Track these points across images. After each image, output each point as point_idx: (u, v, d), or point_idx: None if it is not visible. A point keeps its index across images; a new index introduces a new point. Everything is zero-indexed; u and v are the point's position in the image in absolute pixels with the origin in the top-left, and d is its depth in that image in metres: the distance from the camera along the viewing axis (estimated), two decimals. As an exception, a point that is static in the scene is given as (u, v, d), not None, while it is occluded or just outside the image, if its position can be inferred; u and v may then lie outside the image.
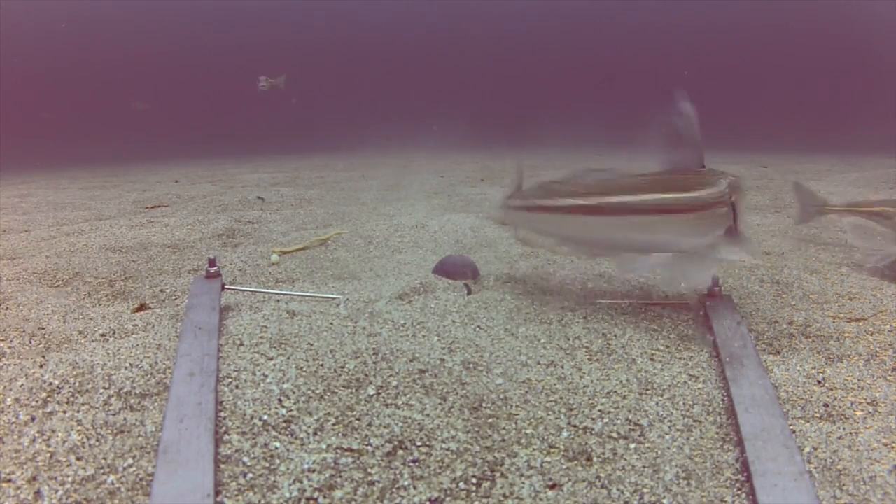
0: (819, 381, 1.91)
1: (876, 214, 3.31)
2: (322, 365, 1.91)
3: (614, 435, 1.62)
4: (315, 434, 1.58)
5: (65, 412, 1.64)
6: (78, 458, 1.46)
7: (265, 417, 1.63)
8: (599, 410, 1.72)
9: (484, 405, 1.73)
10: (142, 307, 2.58)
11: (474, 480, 1.44)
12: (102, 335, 2.23)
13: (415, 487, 1.41)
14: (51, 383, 1.75)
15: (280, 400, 1.70)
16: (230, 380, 1.80)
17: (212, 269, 2.44)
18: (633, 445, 1.58)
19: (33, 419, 1.61)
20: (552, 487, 1.42)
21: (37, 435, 1.53)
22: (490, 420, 1.67)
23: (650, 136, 2.45)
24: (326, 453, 1.50)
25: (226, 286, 2.46)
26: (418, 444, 1.55)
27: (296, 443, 1.54)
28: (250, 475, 1.43)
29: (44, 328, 2.27)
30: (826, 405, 1.78)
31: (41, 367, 1.85)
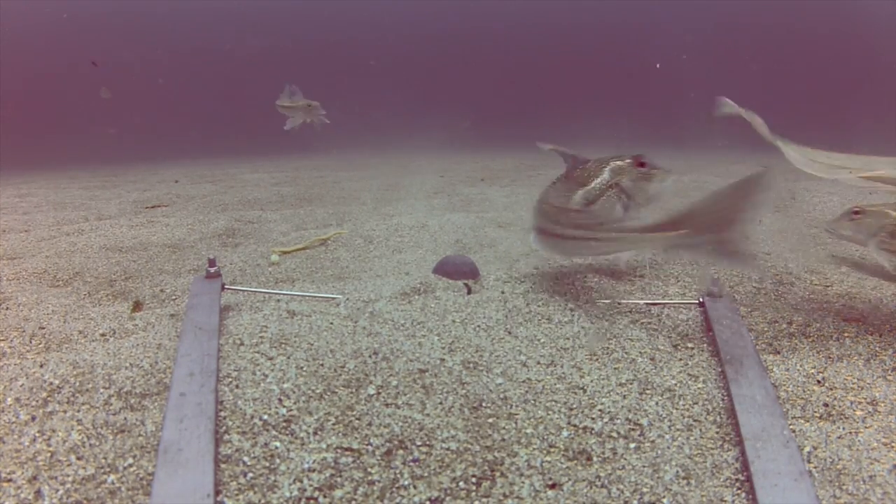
0: (819, 381, 1.91)
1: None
2: (322, 365, 1.91)
3: (614, 434, 1.62)
4: (315, 434, 1.58)
5: (65, 412, 1.65)
6: (78, 458, 1.46)
7: (265, 417, 1.63)
8: (599, 410, 1.72)
9: (484, 405, 1.73)
10: (137, 306, 2.58)
11: (474, 480, 1.44)
12: (103, 335, 2.23)
13: (415, 487, 1.41)
14: (51, 383, 1.75)
15: (280, 399, 1.71)
16: (230, 379, 1.81)
17: (212, 269, 2.44)
18: (632, 445, 1.58)
19: (34, 419, 1.61)
20: (552, 487, 1.42)
21: (37, 434, 1.53)
22: (490, 420, 1.67)
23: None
24: (326, 453, 1.51)
25: (226, 286, 2.46)
26: (418, 443, 1.55)
27: (296, 442, 1.54)
28: (250, 475, 1.43)
29: (44, 328, 2.28)
30: (826, 405, 1.78)
31: (41, 366, 1.85)
